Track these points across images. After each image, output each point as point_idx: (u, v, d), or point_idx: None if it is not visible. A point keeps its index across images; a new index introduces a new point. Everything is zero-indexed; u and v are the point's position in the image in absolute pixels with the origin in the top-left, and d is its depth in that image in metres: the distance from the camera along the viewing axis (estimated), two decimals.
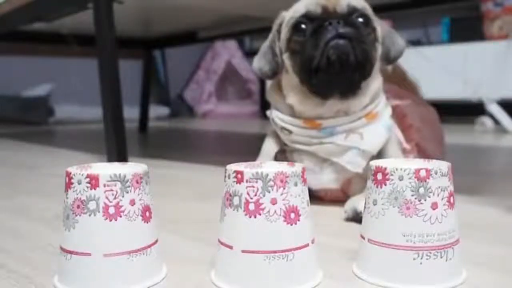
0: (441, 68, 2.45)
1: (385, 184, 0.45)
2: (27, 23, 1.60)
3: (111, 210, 0.43)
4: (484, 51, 2.59)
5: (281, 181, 0.43)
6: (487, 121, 2.35)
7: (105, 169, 0.48)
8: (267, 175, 0.43)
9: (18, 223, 0.71)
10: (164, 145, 1.90)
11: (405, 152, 0.81)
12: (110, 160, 1.12)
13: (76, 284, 0.44)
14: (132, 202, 0.44)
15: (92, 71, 1.34)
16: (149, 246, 0.46)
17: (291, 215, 0.43)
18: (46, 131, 2.64)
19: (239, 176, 0.43)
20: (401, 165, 0.48)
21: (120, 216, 0.43)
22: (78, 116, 3.16)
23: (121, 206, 0.44)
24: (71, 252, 0.44)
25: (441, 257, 0.44)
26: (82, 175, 0.43)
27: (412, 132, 0.85)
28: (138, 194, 0.45)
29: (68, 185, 0.44)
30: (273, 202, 0.43)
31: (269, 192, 0.43)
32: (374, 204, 0.46)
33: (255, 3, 1.40)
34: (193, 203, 0.83)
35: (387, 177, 0.45)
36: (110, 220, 0.43)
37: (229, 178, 0.45)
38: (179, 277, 0.48)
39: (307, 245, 0.45)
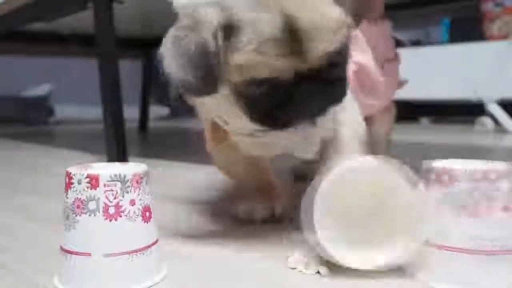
0: (441, 68, 2.44)
1: (451, 186, 0.44)
2: (27, 23, 1.60)
3: (111, 210, 0.43)
4: (484, 51, 2.59)
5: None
6: (487, 121, 2.35)
7: (105, 169, 0.48)
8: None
9: (18, 223, 0.71)
10: (164, 145, 1.90)
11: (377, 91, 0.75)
12: (110, 160, 1.12)
13: (76, 284, 0.44)
14: (132, 202, 0.44)
15: (92, 71, 1.34)
16: (149, 246, 0.46)
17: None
18: (46, 131, 2.64)
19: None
20: (468, 166, 0.46)
21: (120, 216, 0.44)
22: (78, 116, 3.16)
23: (121, 206, 0.44)
24: (71, 252, 0.44)
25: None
26: (82, 175, 0.43)
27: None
28: (138, 194, 0.45)
29: (68, 185, 0.44)
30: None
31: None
32: (437, 208, 0.45)
33: None
34: (193, 203, 0.83)
35: (453, 179, 0.44)
36: (110, 220, 0.43)
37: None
38: (179, 277, 0.48)
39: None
